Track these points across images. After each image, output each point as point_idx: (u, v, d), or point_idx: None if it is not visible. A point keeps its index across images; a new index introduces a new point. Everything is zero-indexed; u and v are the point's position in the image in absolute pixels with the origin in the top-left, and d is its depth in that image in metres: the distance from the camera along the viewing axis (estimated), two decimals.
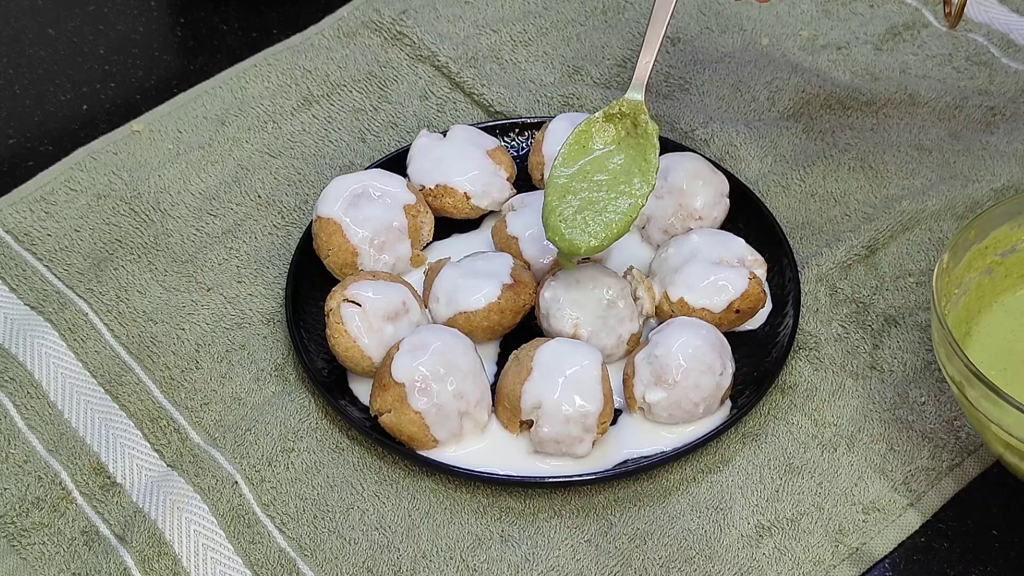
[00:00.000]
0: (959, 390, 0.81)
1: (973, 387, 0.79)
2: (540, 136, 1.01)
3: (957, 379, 0.81)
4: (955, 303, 0.86)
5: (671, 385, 0.88)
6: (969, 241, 0.86)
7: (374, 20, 1.15)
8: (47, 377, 0.93)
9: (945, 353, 0.81)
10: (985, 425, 0.80)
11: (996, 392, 0.77)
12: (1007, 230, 0.88)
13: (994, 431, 0.79)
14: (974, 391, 0.79)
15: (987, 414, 0.79)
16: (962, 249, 0.86)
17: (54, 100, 1.12)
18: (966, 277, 0.87)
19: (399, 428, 0.87)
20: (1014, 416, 0.77)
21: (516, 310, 0.92)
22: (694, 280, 0.92)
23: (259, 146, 1.07)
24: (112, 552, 0.85)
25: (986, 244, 0.87)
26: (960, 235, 0.85)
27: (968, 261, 0.87)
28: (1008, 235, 0.88)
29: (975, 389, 0.79)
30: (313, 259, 0.97)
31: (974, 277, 0.88)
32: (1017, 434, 0.78)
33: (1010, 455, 0.80)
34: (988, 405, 0.79)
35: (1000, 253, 0.88)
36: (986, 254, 0.88)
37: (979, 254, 0.87)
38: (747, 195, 1.00)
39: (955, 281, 0.86)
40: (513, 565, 0.85)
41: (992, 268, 0.88)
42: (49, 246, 1.01)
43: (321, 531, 0.86)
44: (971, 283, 0.88)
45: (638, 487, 0.88)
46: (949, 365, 0.81)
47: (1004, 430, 0.78)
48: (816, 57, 1.13)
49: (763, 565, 0.85)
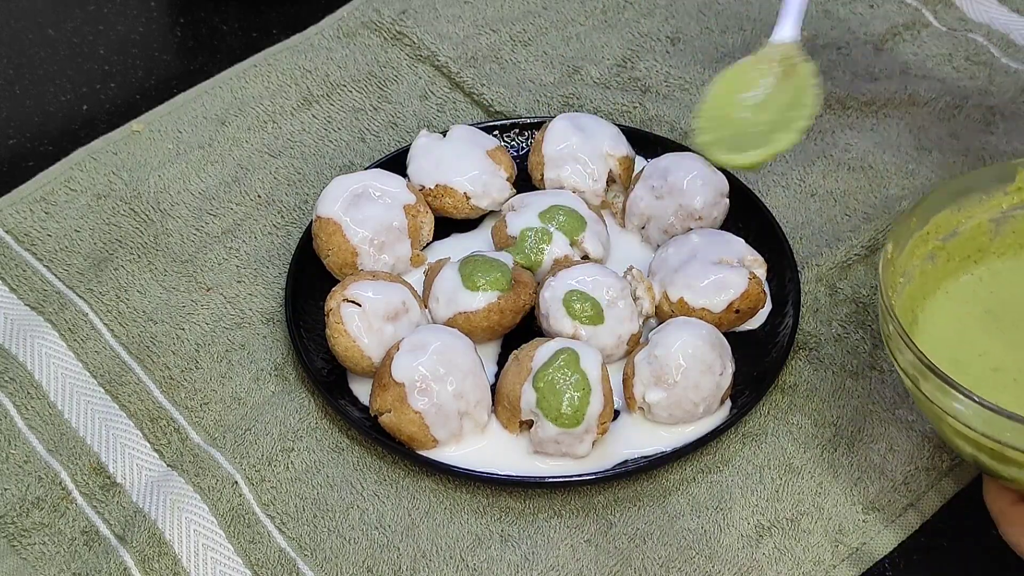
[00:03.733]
0: (912, 383, 0.80)
1: (927, 380, 0.78)
2: (540, 136, 1.01)
3: (910, 372, 0.80)
4: (900, 292, 0.85)
5: (671, 385, 0.88)
6: (911, 228, 0.86)
7: (374, 20, 1.15)
8: (47, 377, 0.93)
9: (896, 347, 0.80)
10: (940, 417, 0.79)
11: (952, 385, 0.77)
12: (948, 215, 0.87)
13: (949, 423, 0.78)
14: (928, 384, 0.78)
15: (942, 406, 0.78)
16: (904, 237, 0.85)
17: (54, 100, 1.12)
18: (909, 265, 0.86)
19: (399, 428, 0.87)
20: (970, 408, 0.76)
21: (516, 310, 0.92)
22: (694, 280, 0.92)
23: (259, 146, 1.07)
24: (112, 552, 0.85)
25: (927, 230, 0.87)
26: (902, 223, 0.85)
27: (911, 249, 0.86)
28: (949, 219, 0.88)
29: (929, 382, 0.78)
30: (313, 259, 0.97)
31: (917, 264, 0.87)
32: (974, 425, 0.77)
33: (966, 445, 0.79)
34: (942, 397, 0.78)
35: (942, 238, 0.88)
36: (928, 240, 0.87)
37: (921, 240, 0.87)
38: (747, 195, 1.00)
39: (899, 270, 0.85)
40: (513, 565, 0.85)
41: (935, 253, 0.88)
42: (49, 246, 1.01)
43: (321, 531, 0.86)
44: (915, 271, 0.87)
45: (638, 487, 0.88)
46: (901, 358, 0.80)
47: (961, 422, 0.77)
48: (816, 57, 1.12)
49: (763, 565, 0.85)
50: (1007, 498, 0.81)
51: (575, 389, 0.85)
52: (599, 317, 0.90)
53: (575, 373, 0.86)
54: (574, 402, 0.85)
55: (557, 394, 0.85)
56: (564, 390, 0.85)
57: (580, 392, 0.85)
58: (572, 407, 0.85)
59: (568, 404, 0.85)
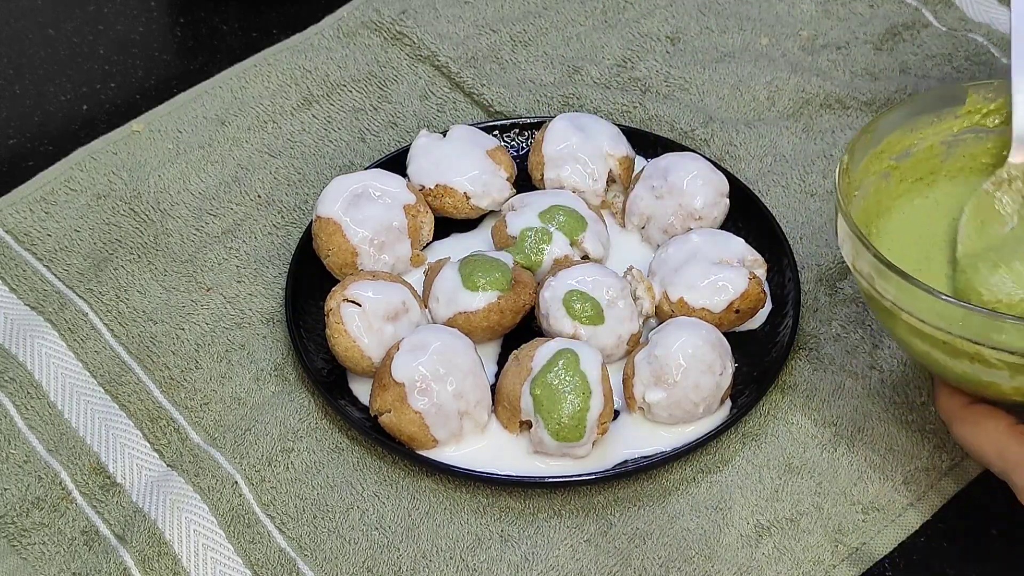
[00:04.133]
0: (868, 284, 0.81)
1: (882, 277, 0.79)
2: (540, 136, 1.01)
3: (866, 272, 0.81)
4: (856, 205, 0.86)
5: (671, 385, 0.88)
6: (866, 144, 0.87)
7: (374, 20, 1.15)
8: (47, 377, 0.93)
9: (852, 248, 0.81)
10: (895, 316, 0.80)
11: (905, 278, 0.78)
12: (900, 135, 0.88)
13: (903, 319, 0.80)
14: (883, 281, 0.79)
15: (897, 303, 0.79)
16: (860, 151, 0.86)
17: (54, 100, 1.12)
18: (865, 180, 0.87)
19: (399, 428, 0.87)
20: (921, 299, 0.78)
21: (516, 310, 0.92)
22: (694, 280, 0.92)
23: (259, 146, 1.07)
24: (112, 552, 0.85)
25: (881, 148, 0.88)
26: (857, 138, 0.86)
27: (866, 164, 0.87)
28: (901, 139, 0.89)
29: (884, 279, 0.79)
30: (313, 259, 0.97)
31: (872, 180, 0.88)
32: (926, 319, 0.78)
33: (921, 343, 0.80)
34: (898, 294, 0.79)
35: (895, 157, 0.89)
36: (882, 158, 0.88)
37: (875, 157, 0.88)
38: (747, 195, 1.00)
39: (855, 183, 0.86)
40: (513, 565, 0.85)
41: (888, 172, 0.89)
42: (49, 246, 1.01)
43: (321, 531, 0.86)
44: (869, 186, 0.88)
45: (638, 487, 0.88)
46: (858, 259, 0.81)
47: (914, 316, 0.79)
48: (816, 57, 1.13)
49: (763, 565, 0.85)
50: (958, 400, 0.82)
51: (575, 395, 0.85)
52: (599, 317, 0.90)
53: (575, 377, 0.86)
54: (573, 417, 0.85)
55: (557, 405, 0.85)
56: (563, 399, 0.85)
57: (579, 401, 0.85)
58: (572, 421, 0.85)
59: (568, 418, 0.85)
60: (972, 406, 0.82)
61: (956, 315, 0.77)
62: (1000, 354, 0.77)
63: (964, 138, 0.90)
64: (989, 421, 0.81)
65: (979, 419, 0.81)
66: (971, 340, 0.77)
